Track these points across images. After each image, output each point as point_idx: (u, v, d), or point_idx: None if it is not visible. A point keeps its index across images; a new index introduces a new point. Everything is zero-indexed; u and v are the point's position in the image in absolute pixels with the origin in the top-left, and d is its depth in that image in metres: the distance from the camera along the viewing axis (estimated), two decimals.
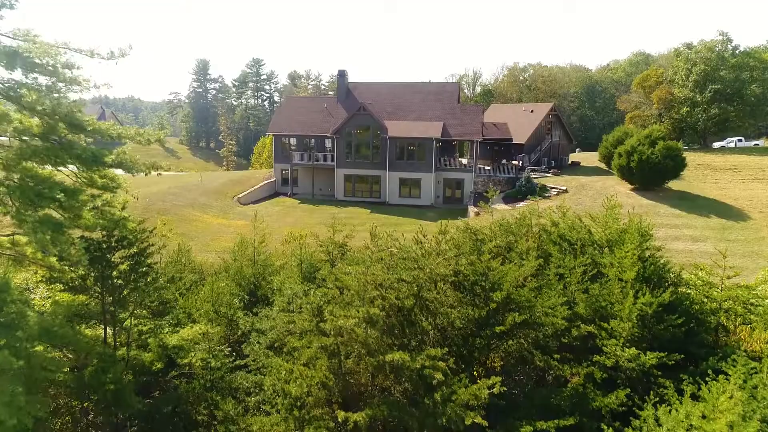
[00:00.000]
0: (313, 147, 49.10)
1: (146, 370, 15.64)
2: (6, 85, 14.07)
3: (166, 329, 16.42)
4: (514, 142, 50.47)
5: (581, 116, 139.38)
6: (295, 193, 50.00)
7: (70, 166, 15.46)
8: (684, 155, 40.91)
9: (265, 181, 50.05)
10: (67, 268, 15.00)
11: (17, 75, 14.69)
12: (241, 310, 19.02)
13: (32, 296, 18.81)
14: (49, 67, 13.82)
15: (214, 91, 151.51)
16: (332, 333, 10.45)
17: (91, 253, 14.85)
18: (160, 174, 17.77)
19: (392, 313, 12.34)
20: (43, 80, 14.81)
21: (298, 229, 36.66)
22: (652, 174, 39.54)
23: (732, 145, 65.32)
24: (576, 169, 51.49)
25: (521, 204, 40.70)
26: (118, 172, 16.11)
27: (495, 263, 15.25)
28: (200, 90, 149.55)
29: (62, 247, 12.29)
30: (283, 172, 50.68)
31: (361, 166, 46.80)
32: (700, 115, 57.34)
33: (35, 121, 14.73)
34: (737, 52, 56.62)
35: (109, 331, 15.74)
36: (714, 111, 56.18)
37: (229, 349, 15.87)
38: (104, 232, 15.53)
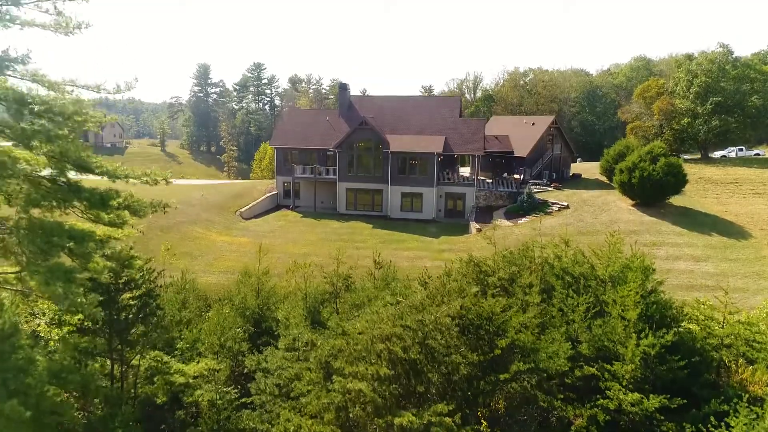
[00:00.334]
0: (315, 160, 49.23)
1: (153, 406, 15.81)
2: (15, 132, 14.18)
3: (173, 366, 16.57)
4: (515, 155, 50.59)
5: (582, 121, 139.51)
6: (297, 206, 50.15)
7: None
8: (685, 171, 41.00)
9: (267, 194, 50.20)
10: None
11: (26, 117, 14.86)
12: (246, 342, 19.16)
13: (38, 322, 18.97)
14: (58, 118, 13.98)
15: (215, 96, 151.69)
16: (340, 392, 10.59)
17: (99, 296, 14.99)
18: (165, 209, 17.94)
19: (398, 362, 12.49)
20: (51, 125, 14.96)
21: (300, 246, 36.93)
22: (653, 190, 39.67)
23: (733, 154, 65.51)
24: (577, 182, 51.61)
25: (523, 220, 40.87)
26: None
27: (499, 305, 15.40)
28: (201, 94, 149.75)
29: (74, 299, 12.43)
30: (285, 184, 50.84)
31: (363, 180, 46.94)
32: (701, 127, 57.44)
33: (42, 159, 14.86)
34: (738, 63, 56.72)
35: (116, 367, 15.91)
36: (715, 123, 56.28)
37: (236, 390, 15.96)
38: (112, 273, 15.67)
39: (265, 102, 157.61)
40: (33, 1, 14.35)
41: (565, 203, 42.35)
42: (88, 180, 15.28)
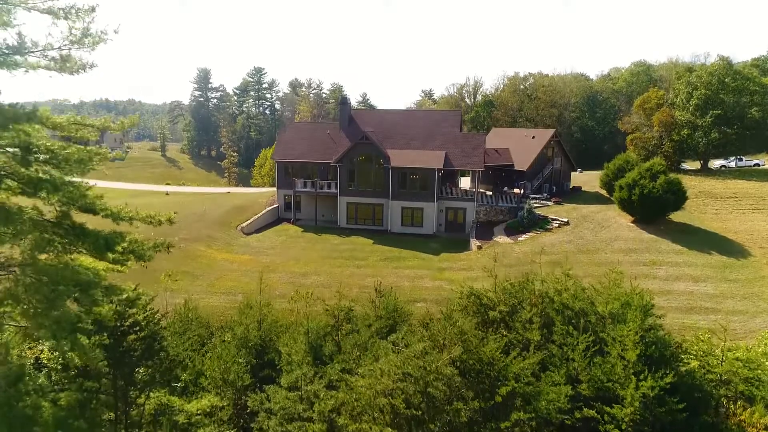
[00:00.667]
0: (316, 174, 49.38)
1: None
2: (21, 178, 14.32)
3: (177, 404, 16.71)
4: (515, 168, 50.77)
5: (582, 126, 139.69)
6: (298, 219, 50.30)
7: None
8: (685, 188, 41.14)
9: (268, 208, 50.36)
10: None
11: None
12: (248, 374, 19.29)
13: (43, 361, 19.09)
14: (66, 165, 14.13)
15: (216, 100, 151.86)
16: None
17: (105, 338, 15.15)
18: (169, 249, 18.07)
19: (400, 415, 12.64)
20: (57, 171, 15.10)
21: (301, 264, 37.06)
22: (653, 208, 39.82)
23: (732, 164, 65.58)
24: (577, 196, 51.77)
25: (523, 237, 41.02)
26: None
27: (499, 348, 15.54)
28: (202, 99, 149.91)
29: (81, 350, 12.59)
30: (286, 197, 51.00)
31: (364, 194, 47.10)
32: (700, 139, 57.63)
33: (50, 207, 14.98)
34: (737, 76, 56.89)
35: (121, 406, 16.06)
36: (714, 135, 56.47)
37: (239, 429, 16.11)
38: (117, 315, 15.83)
39: (266, 106, 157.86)
40: (39, 50, 14.50)
41: (565, 219, 42.50)
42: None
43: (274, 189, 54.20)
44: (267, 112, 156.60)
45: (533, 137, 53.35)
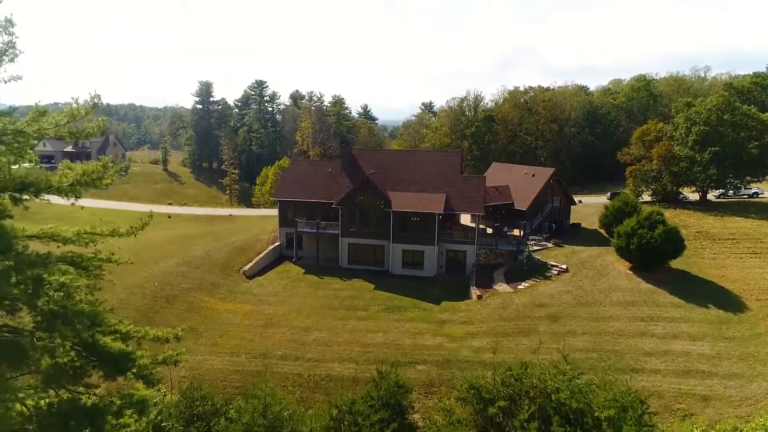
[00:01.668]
0: (319, 212, 49.83)
1: None
2: (34, 316, 14.75)
3: None
4: (516, 207, 51.22)
5: (582, 141, 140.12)
6: (300, 256, 50.77)
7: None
8: (683, 237, 41.56)
9: (271, 246, 50.83)
10: None
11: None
12: None
13: None
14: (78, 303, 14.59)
15: (217, 114, 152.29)
16: None
17: None
18: (176, 364, 18.44)
19: None
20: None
21: (303, 317, 37.53)
22: (651, 257, 40.24)
23: (731, 192, 65.46)
24: (577, 234, 52.21)
25: (523, 285, 41.42)
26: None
27: None
28: (203, 113, 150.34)
29: None
30: (288, 235, 51.46)
31: (365, 235, 47.56)
32: (699, 174, 58.09)
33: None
34: (736, 112, 57.30)
35: None
36: (712, 171, 56.94)
37: None
38: None
39: (267, 118, 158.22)
40: None
41: (564, 266, 42.93)
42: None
43: (275, 212, 54.45)
44: (269, 124, 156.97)
45: (533, 175, 53.80)
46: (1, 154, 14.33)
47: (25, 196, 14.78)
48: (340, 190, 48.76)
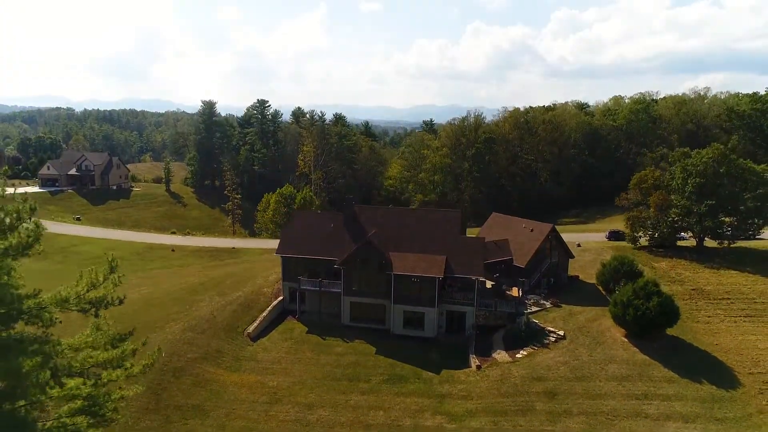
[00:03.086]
0: (321, 269, 50.80)
1: None
2: None
3: None
4: (515, 264, 52.21)
5: (582, 163, 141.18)
6: (303, 310, 51.73)
7: None
8: (677, 305, 42.56)
9: (274, 302, 51.82)
10: None
11: None
12: None
13: None
14: None
15: (219, 134, 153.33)
16: None
17: None
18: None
19: None
20: None
21: (306, 391, 38.54)
22: (646, 327, 41.25)
23: (729, 232, 65.38)
24: (574, 290, 53.24)
25: (521, 353, 42.38)
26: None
27: None
28: (206, 132, 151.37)
29: None
30: (291, 289, 52.45)
31: (367, 295, 48.56)
32: (695, 226, 59.10)
33: None
34: (732, 164, 58.25)
35: None
36: (708, 224, 57.95)
37: None
38: None
39: (269, 136, 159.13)
40: None
41: (562, 332, 43.93)
42: None
43: (276, 244, 54.82)
44: (271, 142, 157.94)
45: (531, 230, 54.76)
46: None
47: None
48: (342, 246, 49.77)
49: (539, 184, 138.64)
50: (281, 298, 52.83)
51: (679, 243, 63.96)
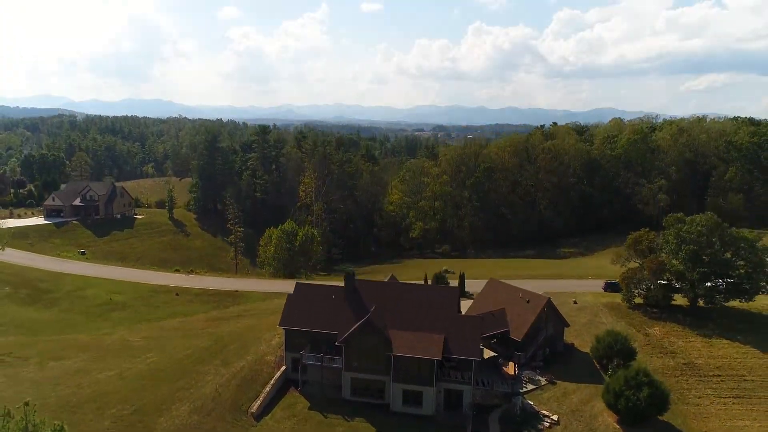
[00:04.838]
0: (323, 342, 52.22)
1: None
2: None
3: None
4: (511, 336, 53.64)
5: (581, 192, 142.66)
6: (305, 380, 53.13)
7: None
8: (668, 392, 44.01)
9: (277, 374, 53.29)
10: None
11: None
12: None
13: None
14: None
15: (221, 159, 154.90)
16: None
17: None
18: None
19: None
20: None
21: None
22: (638, 416, 42.68)
23: (722, 295, 66.94)
24: (569, 362, 54.55)
25: None
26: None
27: None
28: (208, 158, 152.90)
29: None
30: (293, 360, 53.91)
31: (367, 371, 50.01)
32: (689, 292, 60.51)
33: None
34: (725, 233, 59.61)
35: None
36: (701, 291, 59.37)
37: None
38: None
39: (270, 161, 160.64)
40: None
41: (556, 418, 45.36)
42: None
43: (279, 288, 56.13)
44: (273, 167, 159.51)
45: (528, 301, 56.15)
46: None
47: None
48: (342, 320, 51.21)
49: (539, 213, 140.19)
50: (284, 368, 54.26)
51: (673, 302, 65.29)
